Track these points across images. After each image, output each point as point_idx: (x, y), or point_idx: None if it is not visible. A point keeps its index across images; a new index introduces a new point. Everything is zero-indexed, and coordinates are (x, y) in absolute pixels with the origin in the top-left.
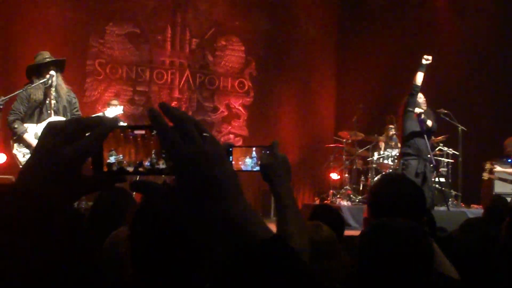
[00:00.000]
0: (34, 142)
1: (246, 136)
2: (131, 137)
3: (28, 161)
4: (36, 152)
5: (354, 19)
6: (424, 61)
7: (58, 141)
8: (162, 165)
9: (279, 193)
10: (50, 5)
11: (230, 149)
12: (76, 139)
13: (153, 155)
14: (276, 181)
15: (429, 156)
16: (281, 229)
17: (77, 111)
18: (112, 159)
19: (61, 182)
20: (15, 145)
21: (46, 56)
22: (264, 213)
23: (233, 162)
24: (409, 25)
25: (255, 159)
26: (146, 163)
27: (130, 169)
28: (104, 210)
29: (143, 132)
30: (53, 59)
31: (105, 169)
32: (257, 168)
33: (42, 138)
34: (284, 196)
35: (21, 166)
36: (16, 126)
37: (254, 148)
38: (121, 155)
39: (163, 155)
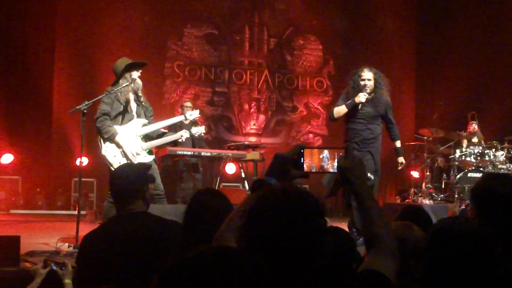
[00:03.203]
0: (122, 142)
1: (326, 135)
2: None
3: None
4: None
5: (434, 14)
6: (357, 99)
7: None
8: None
9: (360, 195)
10: (129, 9)
11: (302, 150)
12: None
13: None
14: (356, 183)
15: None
16: (368, 231)
17: (152, 118)
18: None
19: None
20: (104, 145)
21: (129, 61)
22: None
23: (304, 164)
24: (491, 18)
25: (327, 160)
26: None
27: None
28: (197, 211)
29: None
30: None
31: None
32: (331, 170)
33: None
34: (366, 197)
35: (111, 167)
36: (109, 124)
37: (326, 150)
38: None
39: None
